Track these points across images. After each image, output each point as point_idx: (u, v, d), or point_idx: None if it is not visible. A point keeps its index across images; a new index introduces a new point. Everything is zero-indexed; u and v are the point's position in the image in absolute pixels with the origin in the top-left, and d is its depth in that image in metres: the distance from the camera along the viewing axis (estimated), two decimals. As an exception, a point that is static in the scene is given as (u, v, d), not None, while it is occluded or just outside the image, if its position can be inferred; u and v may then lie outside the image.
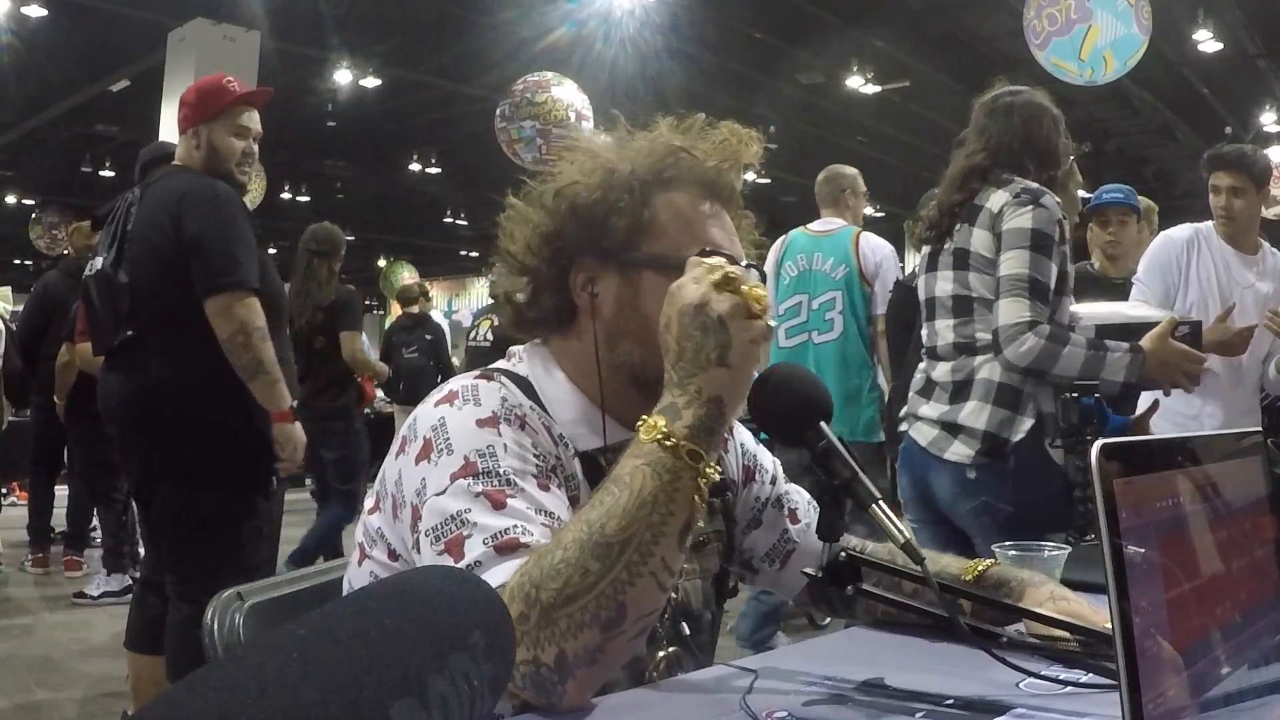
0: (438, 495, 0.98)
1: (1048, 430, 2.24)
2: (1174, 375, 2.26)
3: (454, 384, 1.08)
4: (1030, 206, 2.21)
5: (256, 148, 2.69)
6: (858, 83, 9.11)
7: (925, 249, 2.47)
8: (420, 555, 0.99)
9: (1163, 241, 3.21)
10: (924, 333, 2.46)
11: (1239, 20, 7.91)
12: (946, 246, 2.37)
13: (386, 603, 0.58)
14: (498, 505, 0.97)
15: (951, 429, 2.31)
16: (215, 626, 1.15)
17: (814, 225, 4.10)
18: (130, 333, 2.55)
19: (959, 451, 2.29)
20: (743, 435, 1.31)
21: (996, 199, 2.27)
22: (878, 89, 9.26)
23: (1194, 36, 7.62)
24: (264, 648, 0.52)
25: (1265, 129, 9.59)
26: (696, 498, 0.93)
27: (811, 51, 8.99)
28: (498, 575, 0.92)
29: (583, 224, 1.10)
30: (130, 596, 3.33)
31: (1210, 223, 3.15)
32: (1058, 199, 2.26)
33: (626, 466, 0.94)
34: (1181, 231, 3.18)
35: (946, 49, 8.80)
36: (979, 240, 2.29)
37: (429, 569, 0.74)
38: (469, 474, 0.98)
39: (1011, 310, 2.18)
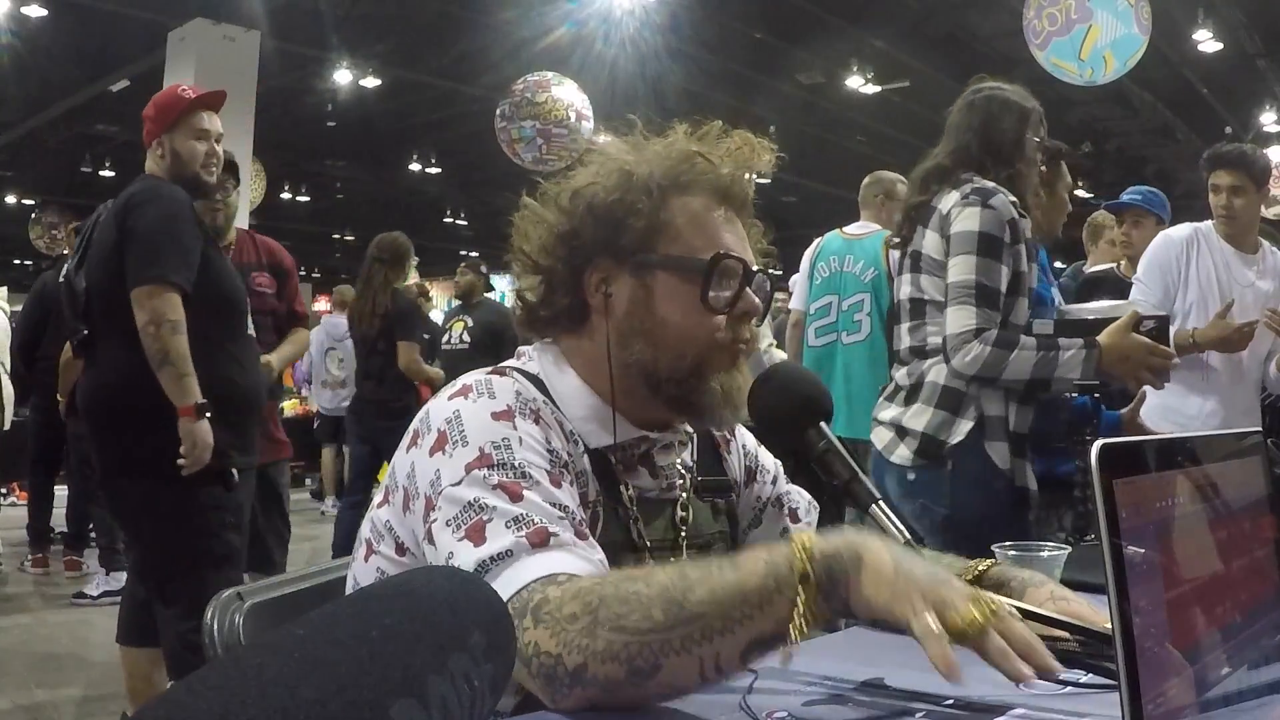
0: (453, 486, 0.99)
1: (990, 433, 2.19)
2: (1137, 370, 2.16)
3: (468, 379, 1.09)
4: (977, 207, 2.15)
5: (220, 148, 2.74)
6: (858, 83, 9.11)
7: (896, 254, 2.46)
8: (434, 547, 0.98)
9: (1162, 241, 3.21)
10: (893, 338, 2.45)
11: (1239, 20, 7.91)
12: (908, 250, 2.34)
13: (387, 603, 0.58)
14: (514, 497, 0.97)
15: (900, 432, 2.28)
16: (215, 626, 1.15)
17: (850, 228, 4.09)
18: (85, 332, 2.61)
19: (902, 454, 2.26)
20: (745, 436, 1.31)
21: (948, 200, 2.22)
22: (878, 89, 9.26)
23: (1194, 36, 7.62)
24: (264, 648, 0.52)
25: (1265, 129, 9.58)
26: (794, 624, 0.84)
27: (811, 51, 8.99)
28: (533, 567, 0.92)
29: (600, 224, 1.11)
30: (129, 596, 3.34)
31: (1210, 222, 3.15)
32: (1012, 198, 2.19)
33: (757, 553, 0.88)
34: (1181, 231, 3.18)
35: (946, 49, 8.79)
36: (930, 243, 2.25)
37: (431, 568, 0.74)
38: (484, 465, 0.99)
39: (958, 318, 2.13)
